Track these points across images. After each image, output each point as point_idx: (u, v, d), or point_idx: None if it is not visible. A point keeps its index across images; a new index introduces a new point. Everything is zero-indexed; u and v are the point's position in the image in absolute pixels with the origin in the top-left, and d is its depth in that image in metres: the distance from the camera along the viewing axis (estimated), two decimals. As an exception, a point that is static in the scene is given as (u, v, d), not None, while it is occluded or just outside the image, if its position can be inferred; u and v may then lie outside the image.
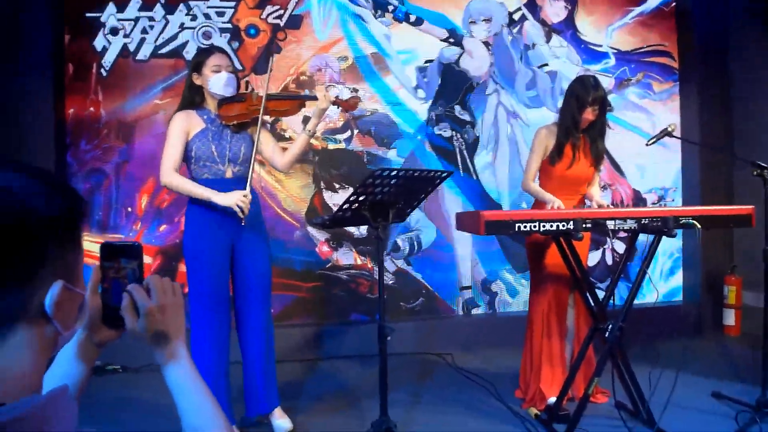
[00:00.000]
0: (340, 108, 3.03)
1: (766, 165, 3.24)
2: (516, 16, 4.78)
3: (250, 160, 2.90)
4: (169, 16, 4.27)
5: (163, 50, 4.27)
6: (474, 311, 4.72)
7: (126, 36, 4.22)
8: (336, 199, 4.38)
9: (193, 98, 2.91)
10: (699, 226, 2.93)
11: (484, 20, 4.72)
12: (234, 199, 2.74)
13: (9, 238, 0.75)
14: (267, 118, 2.89)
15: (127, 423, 3.15)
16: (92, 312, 1.02)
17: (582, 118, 3.25)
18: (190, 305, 2.90)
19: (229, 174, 2.90)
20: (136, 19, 4.24)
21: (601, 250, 4.92)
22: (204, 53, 2.92)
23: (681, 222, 2.93)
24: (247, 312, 2.97)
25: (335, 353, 4.27)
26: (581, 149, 3.33)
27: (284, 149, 3.09)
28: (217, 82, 2.84)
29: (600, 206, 3.32)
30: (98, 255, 1.01)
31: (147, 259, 4.20)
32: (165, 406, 3.15)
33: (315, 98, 2.92)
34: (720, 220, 3.10)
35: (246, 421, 3.08)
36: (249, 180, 2.84)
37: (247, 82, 3.10)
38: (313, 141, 4.25)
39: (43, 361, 0.83)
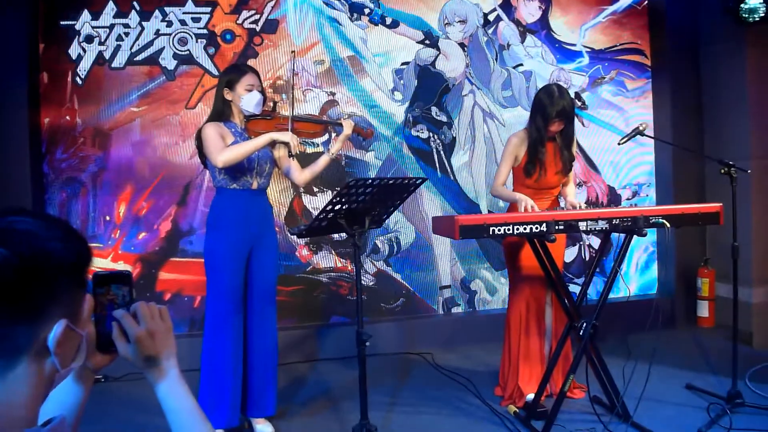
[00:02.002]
0: (359, 135, 3.20)
1: (732, 163, 3.33)
2: (491, 17, 4.83)
3: (272, 174, 3.14)
4: (144, 23, 4.26)
5: (139, 57, 4.26)
6: (454, 310, 4.78)
7: (101, 44, 4.21)
8: (315, 202, 4.42)
9: (223, 111, 3.06)
10: (668, 225, 3.01)
11: (459, 21, 4.77)
12: (290, 135, 2.95)
13: (28, 276, 0.83)
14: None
15: (111, 432, 3.17)
16: (87, 339, 1.06)
17: (548, 131, 3.31)
18: (207, 306, 3.04)
19: (255, 186, 3.06)
20: (111, 27, 4.22)
21: (578, 246, 5.01)
22: (238, 72, 3.07)
23: (651, 221, 3.00)
24: (257, 316, 3.10)
25: (316, 356, 4.31)
26: (550, 158, 3.39)
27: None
28: (250, 100, 3.02)
29: (573, 206, 3.38)
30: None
31: (127, 267, 4.21)
32: (148, 414, 3.18)
33: (341, 125, 3.12)
34: (689, 218, 3.16)
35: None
36: (290, 122, 3.03)
37: (274, 102, 3.26)
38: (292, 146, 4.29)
39: (40, 396, 0.89)
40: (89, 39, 4.20)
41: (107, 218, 4.22)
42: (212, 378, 2.98)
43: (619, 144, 3.52)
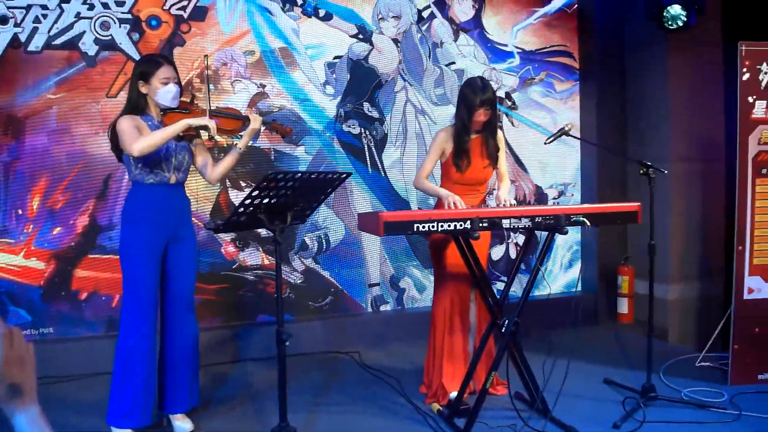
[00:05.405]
0: (276, 132, 3.17)
1: (650, 164, 3.44)
2: (425, 14, 4.83)
3: (189, 168, 3.05)
4: (64, 5, 4.03)
5: (58, 41, 4.04)
6: (383, 308, 4.76)
7: (17, 25, 3.97)
8: (242, 197, 4.30)
9: (138, 103, 2.95)
10: (588, 223, 3.08)
11: (394, 17, 4.75)
12: (207, 119, 2.88)
13: None
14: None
15: None
16: None
17: (473, 121, 3.33)
18: (123, 302, 2.98)
19: (173, 180, 2.99)
20: (28, 7, 3.98)
21: (505, 244, 5.08)
22: (153, 64, 2.96)
23: (572, 219, 3.06)
24: (175, 314, 3.05)
25: (243, 356, 4.21)
26: (477, 152, 3.41)
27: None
28: (165, 94, 2.93)
29: (498, 201, 3.40)
30: None
31: (40, 264, 4.00)
32: (85, 415, 3.05)
33: (248, 119, 3.03)
34: (608, 217, 3.25)
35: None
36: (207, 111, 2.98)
37: (192, 95, 3.17)
38: (218, 138, 4.16)
39: None
40: (4, 20, 3.96)
41: (19, 212, 3.99)
42: (125, 376, 2.89)
43: (545, 143, 3.60)
